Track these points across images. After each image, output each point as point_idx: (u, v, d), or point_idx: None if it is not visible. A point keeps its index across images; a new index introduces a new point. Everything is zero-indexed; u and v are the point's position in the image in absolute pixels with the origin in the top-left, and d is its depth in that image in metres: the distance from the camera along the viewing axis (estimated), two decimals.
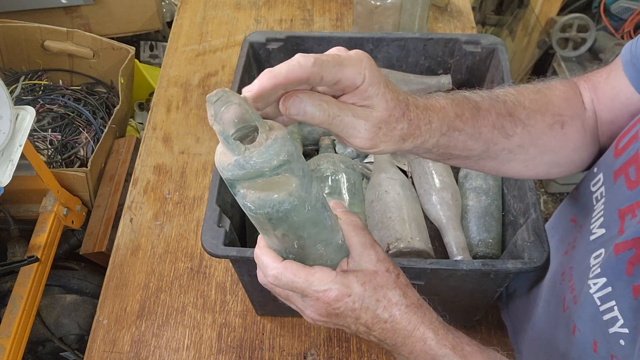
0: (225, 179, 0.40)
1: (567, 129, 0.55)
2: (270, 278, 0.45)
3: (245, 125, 0.39)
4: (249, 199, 0.40)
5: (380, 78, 0.42)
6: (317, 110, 0.40)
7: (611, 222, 0.51)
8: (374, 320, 0.46)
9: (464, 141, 0.50)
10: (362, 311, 0.45)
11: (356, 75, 0.41)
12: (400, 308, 0.46)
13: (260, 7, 1.32)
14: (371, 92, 0.42)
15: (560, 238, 0.64)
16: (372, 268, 0.47)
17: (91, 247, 1.16)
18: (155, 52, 1.83)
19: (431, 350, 0.46)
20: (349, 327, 0.48)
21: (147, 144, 1.06)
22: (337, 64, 0.40)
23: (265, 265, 0.46)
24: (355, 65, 0.41)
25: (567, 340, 0.55)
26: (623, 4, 1.90)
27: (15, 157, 0.89)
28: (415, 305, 0.47)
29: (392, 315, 0.46)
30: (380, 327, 0.46)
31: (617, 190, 0.51)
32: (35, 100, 1.38)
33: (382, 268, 0.47)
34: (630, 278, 0.45)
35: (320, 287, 0.44)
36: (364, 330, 0.47)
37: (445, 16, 1.27)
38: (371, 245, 0.48)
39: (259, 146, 0.38)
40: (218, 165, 0.39)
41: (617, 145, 0.53)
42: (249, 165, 0.38)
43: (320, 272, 0.45)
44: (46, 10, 1.54)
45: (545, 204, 2.07)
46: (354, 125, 0.42)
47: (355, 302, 0.45)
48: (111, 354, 0.80)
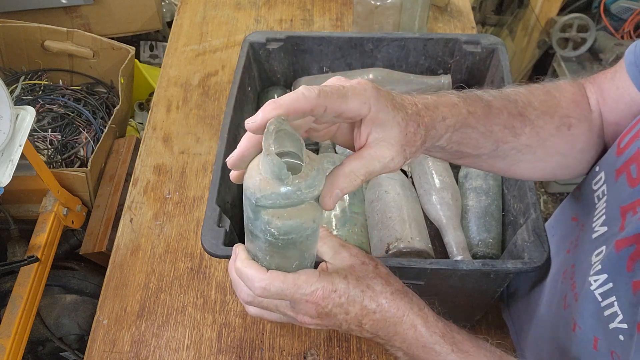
0: (259, 205, 0.39)
1: (574, 131, 0.55)
2: (258, 290, 0.44)
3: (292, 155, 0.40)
4: (274, 225, 0.39)
5: (387, 102, 0.43)
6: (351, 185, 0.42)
7: (613, 219, 0.51)
8: (363, 312, 0.46)
9: (476, 139, 0.50)
10: (350, 305, 0.46)
11: (361, 106, 0.41)
12: (386, 296, 0.46)
13: (260, 7, 1.32)
14: (382, 118, 0.42)
15: (561, 237, 0.64)
16: (348, 263, 0.48)
17: (91, 247, 1.16)
18: (155, 52, 1.83)
19: (422, 337, 0.46)
20: (340, 326, 0.48)
21: (147, 144, 1.06)
22: (340, 96, 0.40)
23: (251, 278, 0.45)
24: (359, 96, 0.41)
25: (568, 338, 0.55)
26: (623, 4, 1.90)
27: (15, 157, 0.89)
28: (401, 292, 0.47)
29: (379, 305, 0.46)
30: (370, 318, 0.46)
31: (619, 187, 0.51)
32: (35, 100, 1.38)
33: (357, 262, 0.48)
34: (630, 274, 0.45)
35: (308, 289, 0.45)
36: (355, 326, 0.47)
37: (445, 16, 1.27)
38: (341, 246, 0.49)
39: (306, 177, 0.38)
40: (256, 191, 0.39)
41: (619, 144, 0.53)
42: (295, 195, 0.38)
43: (305, 275, 0.45)
44: (46, 10, 1.54)
45: (545, 204, 2.07)
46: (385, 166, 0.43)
47: (341, 296, 0.45)
48: (111, 354, 0.80)
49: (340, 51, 0.92)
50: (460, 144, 0.49)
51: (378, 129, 0.43)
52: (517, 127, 0.52)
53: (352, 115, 0.42)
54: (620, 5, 1.90)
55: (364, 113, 0.42)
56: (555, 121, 0.54)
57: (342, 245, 0.49)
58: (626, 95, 0.54)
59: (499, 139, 0.51)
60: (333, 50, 0.92)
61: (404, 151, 0.44)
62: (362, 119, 0.42)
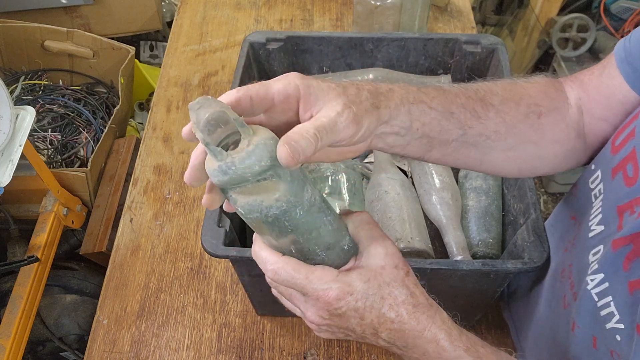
0: (219, 186, 0.40)
1: (544, 120, 0.55)
2: (269, 273, 0.44)
3: (233, 132, 0.39)
4: (239, 203, 0.40)
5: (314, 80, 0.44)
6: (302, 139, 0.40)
7: (610, 218, 0.51)
8: (380, 320, 0.44)
9: (437, 120, 0.49)
10: (367, 310, 0.44)
11: (286, 86, 0.42)
12: (407, 308, 0.45)
13: (260, 7, 1.32)
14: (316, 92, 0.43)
15: (560, 236, 0.64)
16: (380, 263, 0.45)
17: (91, 247, 1.16)
18: (155, 52, 1.83)
19: (444, 351, 0.44)
20: (354, 331, 0.46)
21: (147, 144, 1.06)
22: (263, 85, 0.42)
23: (264, 260, 0.45)
24: (281, 80, 0.43)
25: (567, 337, 0.55)
26: (623, 4, 1.90)
27: (15, 157, 0.89)
28: (424, 305, 0.45)
29: (399, 315, 0.44)
30: (387, 327, 0.45)
31: (616, 187, 0.51)
32: (35, 100, 1.38)
33: (391, 263, 0.45)
34: (626, 274, 0.45)
35: (320, 286, 0.43)
36: (370, 332, 0.46)
37: (445, 16, 1.27)
38: (380, 238, 0.46)
39: (241, 152, 0.38)
40: (207, 170, 0.40)
41: (614, 142, 0.53)
42: (231, 171, 0.38)
43: (321, 271, 0.44)
44: (46, 10, 1.54)
45: (545, 204, 2.07)
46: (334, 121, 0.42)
47: (358, 300, 0.44)
48: (111, 354, 0.80)
49: (340, 51, 0.92)
50: (424, 124, 0.48)
51: (317, 102, 0.43)
52: (480, 111, 0.51)
53: (281, 98, 0.42)
54: (620, 5, 1.90)
55: (291, 91, 0.42)
56: (521, 108, 0.54)
57: (382, 237, 0.46)
58: (618, 92, 0.54)
59: (462, 122, 0.50)
60: (333, 50, 0.92)
61: (351, 108, 0.43)
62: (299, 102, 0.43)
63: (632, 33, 0.54)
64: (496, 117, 0.52)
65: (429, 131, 0.49)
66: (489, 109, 0.52)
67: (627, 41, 0.53)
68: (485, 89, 0.54)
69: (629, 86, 0.53)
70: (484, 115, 0.52)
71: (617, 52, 0.54)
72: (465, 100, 0.51)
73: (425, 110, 0.48)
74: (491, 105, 0.52)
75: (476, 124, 0.51)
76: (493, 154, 0.54)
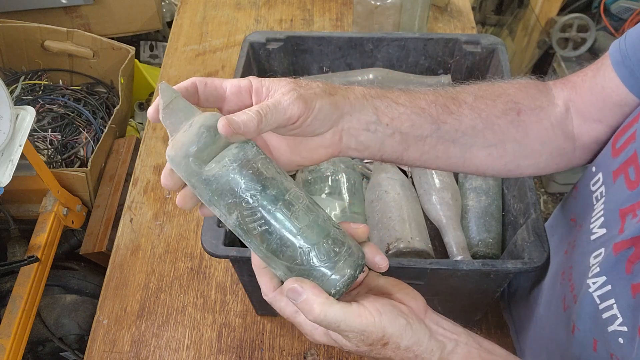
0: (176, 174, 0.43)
1: (524, 117, 0.54)
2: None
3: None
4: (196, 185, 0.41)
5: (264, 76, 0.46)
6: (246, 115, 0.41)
7: (612, 222, 0.51)
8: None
9: (407, 114, 0.49)
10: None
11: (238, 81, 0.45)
12: None
13: (260, 7, 1.32)
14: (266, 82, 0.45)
15: (560, 237, 0.64)
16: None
17: (91, 247, 1.16)
18: (155, 52, 1.83)
19: None
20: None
21: (147, 144, 1.06)
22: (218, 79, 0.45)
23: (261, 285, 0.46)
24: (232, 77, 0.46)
25: (568, 339, 0.55)
26: (623, 4, 1.90)
27: (15, 157, 0.89)
28: None
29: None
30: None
31: (617, 190, 0.51)
32: (35, 100, 1.38)
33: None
34: (629, 276, 0.45)
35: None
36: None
37: (445, 16, 1.27)
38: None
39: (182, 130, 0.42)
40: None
41: (615, 145, 0.52)
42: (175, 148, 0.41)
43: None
44: (46, 10, 1.54)
45: (545, 204, 2.07)
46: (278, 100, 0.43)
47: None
48: (111, 354, 0.80)
49: (340, 51, 0.92)
50: (394, 119, 0.48)
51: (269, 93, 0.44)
52: (452, 107, 0.51)
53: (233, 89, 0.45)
54: (620, 5, 1.90)
55: (243, 84, 0.45)
56: (498, 105, 0.53)
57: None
58: (614, 94, 0.53)
59: (434, 116, 0.50)
60: (333, 50, 0.92)
61: (296, 90, 0.44)
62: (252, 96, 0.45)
63: (627, 33, 0.53)
64: (471, 113, 0.52)
65: (399, 126, 0.49)
66: (461, 105, 0.52)
67: (622, 42, 0.53)
68: (458, 89, 0.54)
69: (627, 89, 0.52)
70: (457, 111, 0.51)
71: (613, 54, 0.54)
72: (435, 97, 0.51)
73: (392, 105, 0.49)
74: (464, 102, 0.52)
75: (449, 119, 0.51)
76: (473, 151, 0.53)
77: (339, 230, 0.43)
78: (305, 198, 0.42)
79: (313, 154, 0.48)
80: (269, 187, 0.40)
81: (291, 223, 0.40)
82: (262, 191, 0.40)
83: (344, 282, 0.41)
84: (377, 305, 0.41)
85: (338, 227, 0.43)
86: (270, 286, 0.45)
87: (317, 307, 0.40)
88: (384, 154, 0.50)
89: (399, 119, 0.49)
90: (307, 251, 0.40)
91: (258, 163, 0.41)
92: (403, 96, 0.50)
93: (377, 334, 0.41)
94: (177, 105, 0.43)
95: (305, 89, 0.44)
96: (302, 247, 0.40)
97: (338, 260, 0.41)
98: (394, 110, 0.49)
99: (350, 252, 0.42)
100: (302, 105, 0.43)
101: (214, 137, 0.41)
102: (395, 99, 0.49)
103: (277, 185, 0.41)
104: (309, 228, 0.41)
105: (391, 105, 0.49)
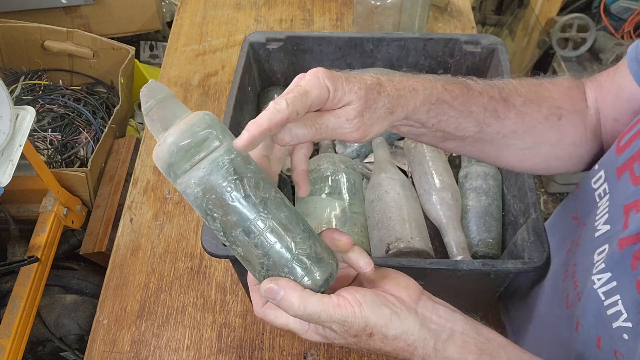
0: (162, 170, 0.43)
1: (564, 122, 0.56)
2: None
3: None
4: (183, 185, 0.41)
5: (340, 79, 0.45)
6: (304, 129, 0.43)
7: (616, 218, 0.51)
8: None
9: (455, 117, 0.50)
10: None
11: (321, 92, 0.43)
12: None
13: (260, 7, 1.32)
14: (339, 94, 0.44)
15: (562, 236, 0.64)
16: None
17: (91, 247, 1.16)
18: (155, 52, 1.83)
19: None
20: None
21: (147, 144, 1.06)
22: (303, 94, 0.43)
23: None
24: (315, 86, 0.44)
25: (570, 337, 0.55)
26: (623, 4, 1.90)
27: (15, 157, 0.89)
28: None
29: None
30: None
31: (622, 186, 0.51)
32: (35, 100, 1.38)
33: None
34: (634, 272, 0.45)
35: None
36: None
37: (445, 16, 1.27)
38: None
39: (173, 126, 0.41)
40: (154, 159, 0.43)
41: (619, 142, 0.53)
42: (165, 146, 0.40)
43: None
44: (46, 10, 1.54)
45: (545, 204, 2.07)
46: (340, 125, 0.44)
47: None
48: (111, 354, 0.80)
49: (340, 51, 0.92)
50: (441, 122, 0.50)
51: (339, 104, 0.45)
52: (500, 111, 0.53)
53: (319, 102, 0.44)
54: (620, 5, 1.90)
55: (325, 95, 0.44)
56: (543, 110, 0.55)
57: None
58: (627, 91, 0.55)
59: (480, 120, 0.52)
60: (333, 50, 0.92)
61: (363, 115, 0.45)
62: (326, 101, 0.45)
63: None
64: (516, 117, 0.54)
65: (445, 127, 0.51)
66: (510, 109, 0.54)
67: (639, 43, 0.54)
68: (511, 88, 0.55)
69: (638, 85, 0.53)
70: (504, 115, 0.53)
71: (630, 52, 0.55)
72: (487, 101, 0.53)
73: (445, 109, 0.50)
74: (513, 106, 0.54)
75: (494, 122, 0.53)
76: (508, 151, 0.55)
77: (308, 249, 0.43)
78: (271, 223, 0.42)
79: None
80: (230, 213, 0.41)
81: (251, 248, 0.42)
82: (223, 215, 0.41)
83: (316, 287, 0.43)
84: (357, 295, 0.42)
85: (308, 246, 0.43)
86: (260, 303, 0.46)
87: (296, 301, 0.41)
88: (420, 140, 0.53)
89: (447, 122, 0.51)
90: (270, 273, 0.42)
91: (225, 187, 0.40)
92: (459, 99, 0.51)
93: (359, 324, 0.41)
94: (159, 110, 0.42)
95: (371, 111, 0.45)
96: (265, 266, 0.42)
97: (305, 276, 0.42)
98: (444, 115, 0.50)
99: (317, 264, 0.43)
100: (359, 135, 0.45)
101: (186, 152, 0.40)
102: (451, 102, 0.50)
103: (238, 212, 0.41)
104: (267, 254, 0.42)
105: (444, 109, 0.50)
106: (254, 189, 0.41)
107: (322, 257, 0.43)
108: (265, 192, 0.42)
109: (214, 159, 0.40)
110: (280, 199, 0.43)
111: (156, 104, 0.42)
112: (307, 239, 0.43)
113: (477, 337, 0.45)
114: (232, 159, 0.41)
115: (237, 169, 0.41)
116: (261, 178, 0.42)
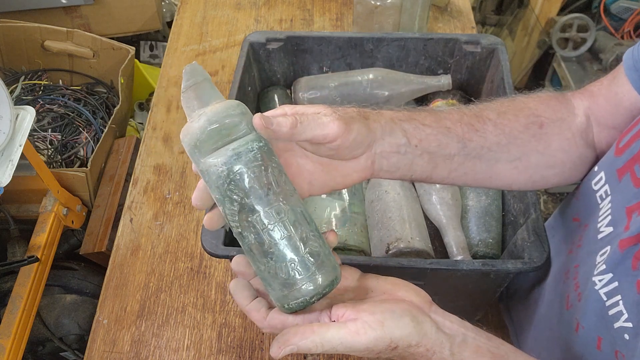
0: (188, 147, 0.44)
1: (547, 129, 0.56)
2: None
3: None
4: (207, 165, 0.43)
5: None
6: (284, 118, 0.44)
7: (619, 220, 0.51)
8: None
9: (434, 135, 0.51)
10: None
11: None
12: None
13: (260, 7, 1.32)
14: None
15: (562, 237, 0.64)
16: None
17: (91, 247, 1.16)
18: (155, 52, 1.83)
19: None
20: None
21: (147, 144, 1.06)
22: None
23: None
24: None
25: (570, 338, 0.55)
26: (623, 4, 1.90)
27: (15, 157, 0.89)
28: None
29: None
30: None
31: (624, 188, 0.51)
32: (35, 100, 1.38)
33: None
34: (635, 273, 0.46)
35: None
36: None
37: (445, 16, 1.27)
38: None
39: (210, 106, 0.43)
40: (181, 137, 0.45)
41: (618, 144, 0.53)
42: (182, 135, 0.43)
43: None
44: (46, 10, 1.54)
45: (545, 204, 2.07)
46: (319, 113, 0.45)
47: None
48: (111, 354, 0.80)
49: (340, 51, 0.92)
50: (422, 140, 0.50)
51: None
52: (476, 125, 0.53)
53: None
54: (620, 5, 1.90)
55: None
56: (521, 119, 0.55)
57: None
58: (625, 100, 0.54)
59: (460, 135, 0.52)
60: (333, 50, 0.92)
61: (336, 112, 0.46)
62: None
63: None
64: (495, 130, 0.54)
65: (427, 146, 0.51)
66: (485, 123, 0.54)
67: (635, 50, 0.54)
68: (481, 106, 0.56)
69: (638, 93, 0.53)
70: (482, 129, 0.53)
71: (626, 60, 0.55)
72: (459, 116, 0.53)
73: (419, 127, 0.51)
74: (488, 119, 0.54)
75: (475, 136, 0.53)
76: (499, 166, 0.55)
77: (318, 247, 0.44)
78: (288, 214, 0.43)
79: (347, 178, 0.50)
80: (251, 196, 0.42)
81: (264, 236, 0.42)
82: (244, 198, 0.42)
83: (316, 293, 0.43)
84: (377, 317, 0.42)
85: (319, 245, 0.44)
86: (259, 317, 0.46)
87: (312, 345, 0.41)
88: (413, 173, 0.52)
89: (427, 139, 0.51)
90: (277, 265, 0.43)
91: (250, 169, 0.42)
92: (429, 117, 0.52)
93: (384, 343, 0.42)
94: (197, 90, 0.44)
95: (343, 112, 0.46)
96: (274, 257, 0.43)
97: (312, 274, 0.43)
98: (421, 132, 0.51)
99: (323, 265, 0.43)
100: (342, 125, 0.45)
101: (218, 132, 0.42)
102: (422, 120, 0.51)
103: (259, 196, 0.42)
104: (278, 245, 0.42)
105: (419, 127, 0.51)
106: (277, 178, 0.43)
107: (330, 258, 0.44)
108: (285, 184, 0.44)
109: (245, 142, 0.42)
110: (297, 195, 0.45)
111: (194, 85, 0.43)
112: (318, 237, 0.44)
113: (489, 342, 0.45)
114: (261, 147, 0.43)
115: (265, 155, 0.43)
116: (283, 171, 0.44)
